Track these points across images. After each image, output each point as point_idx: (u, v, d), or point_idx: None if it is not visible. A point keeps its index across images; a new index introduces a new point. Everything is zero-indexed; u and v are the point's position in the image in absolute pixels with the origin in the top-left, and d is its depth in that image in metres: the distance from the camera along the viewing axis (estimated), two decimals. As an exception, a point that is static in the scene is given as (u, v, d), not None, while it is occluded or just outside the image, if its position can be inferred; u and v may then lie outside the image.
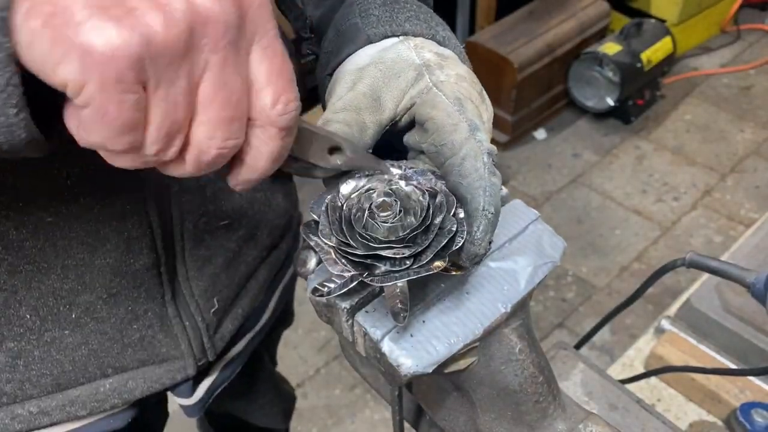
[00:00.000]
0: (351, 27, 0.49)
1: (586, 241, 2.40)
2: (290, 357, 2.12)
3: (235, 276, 0.72)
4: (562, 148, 2.79)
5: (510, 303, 0.42)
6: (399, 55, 0.45)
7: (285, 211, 0.79)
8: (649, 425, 0.66)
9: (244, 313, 0.76)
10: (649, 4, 3.03)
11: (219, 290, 0.70)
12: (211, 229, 0.66)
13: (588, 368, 0.74)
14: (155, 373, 0.67)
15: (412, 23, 0.48)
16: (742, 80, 3.02)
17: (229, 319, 0.73)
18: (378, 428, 1.94)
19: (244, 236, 0.72)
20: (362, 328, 0.41)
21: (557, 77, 2.82)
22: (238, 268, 0.72)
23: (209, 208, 0.64)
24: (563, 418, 0.48)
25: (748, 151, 2.69)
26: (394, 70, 0.44)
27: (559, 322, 2.15)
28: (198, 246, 0.65)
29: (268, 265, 0.79)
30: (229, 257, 0.70)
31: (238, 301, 0.74)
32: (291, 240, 0.86)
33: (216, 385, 0.76)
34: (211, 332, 0.70)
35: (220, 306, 0.70)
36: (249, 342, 0.81)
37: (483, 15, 2.90)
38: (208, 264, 0.67)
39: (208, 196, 0.63)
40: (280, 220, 0.78)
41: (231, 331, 0.73)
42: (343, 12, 0.52)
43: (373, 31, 0.47)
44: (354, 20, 0.49)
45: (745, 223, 2.38)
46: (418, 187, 0.40)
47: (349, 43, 0.48)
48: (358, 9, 0.50)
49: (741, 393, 0.93)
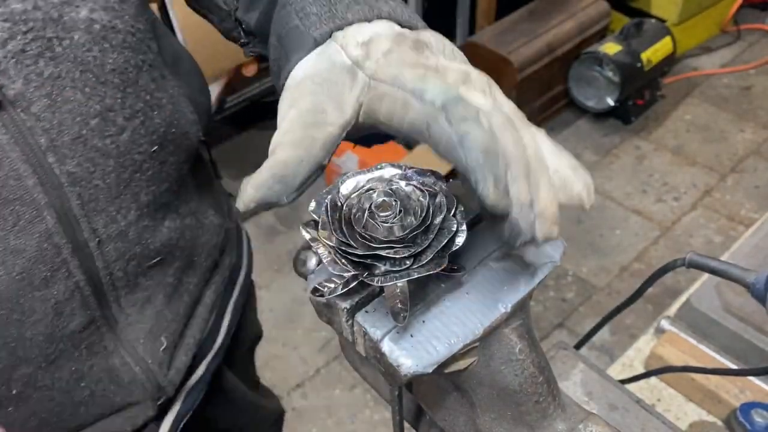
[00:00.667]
0: (292, 31, 0.47)
1: (586, 241, 2.40)
2: (290, 357, 2.12)
3: (179, 308, 0.70)
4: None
5: (510, 303, 0.42)
6: (331, 62, 0.43)
7: (219, 227, 0.76)
8: (649, 425, 0.66)
9: (196, 341, 0.74)
10: (649, 4, 3.03)
11: (165, 327, 0.67)
12: (143, 270, 0.63)
13: (588, 368, 0.74)
14: (115, 423, 0.66)
15: (353, 11, 0.46)
16: (742, 80, 3.02)
17: (181, 351, 0.71)
18: (378, 428, 1.94)
19: (181, 266, 0.69)
20: (362, 328, 0.41)
21: (557, 77, 2.82)
22: (182, 299, 0.70)
23: (136, 251, 0.61)
24: (563, 418, 0.48)
25: (748, 151, 2.69)
26: (330, 80, 0.43)
27: (559, 322, 2.15)
28: (133, 291, 0.63)
29: (213, 285, 0.77)
30: (170, 292, 0.68)
31: (188, 330, 0.72)
32: (233, 254, 0.83)
33: (181, 415, 0.74)
34: (165, 370, 0.68)
35: (169, 342, 0.68)
36: (208, 365, 0.79)
37: (483, 15, 2.90)
38: (148, 305, 0.65)
39: (131, 239, 0.60)
40: (217, 238, 0.76)
41: (185, 362, 0.71)
42: (279, 15, 0.50)
43: (318, 32, 0.45)
44: (293, 23, 0.47)
45: (745, 223, 2.38)
46: (418, 187, 0.40)
47: (297, 50, 0.46)
48: (295, 9, 0.47)
49: (741, 393, 0.93)
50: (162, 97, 0.60)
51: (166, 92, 0.61)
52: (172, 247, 0.66)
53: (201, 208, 0.72)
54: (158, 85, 0.60)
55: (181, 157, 0.64)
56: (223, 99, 2.57)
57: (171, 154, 0.62)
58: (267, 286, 2.33)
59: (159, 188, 0.61)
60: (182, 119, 0.63)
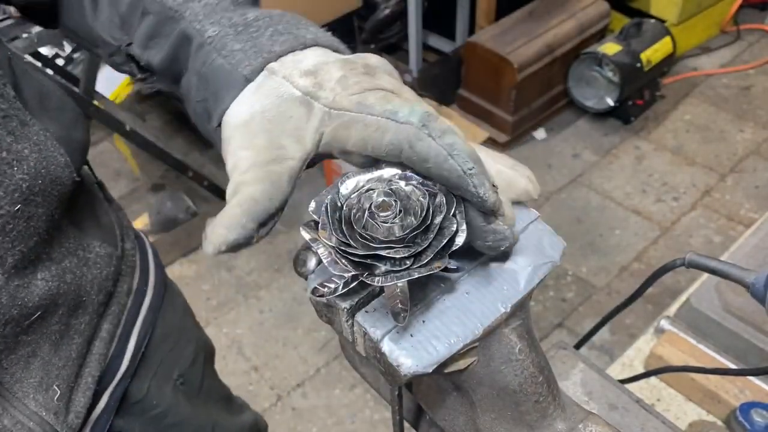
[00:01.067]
0: (217, 70, 0.45)
1: (586, 241, 2.40)
2: (290, 357, 2.12)
3: (70, 352, 0.66)
4: (561, 148, 2.79)
5: (510, 303, 0.42)
6: (278, 96, 0.42)
7: (108, 257, 0.72)
8: (648, 425, 0.66)
9: (95, 379, 0.71)
10: (649, 4, 3.03)
11: (56, 375, 0.64)
12: (22, 329, 0.60)
13: (588, 368, 0.74)
14: None
15: (277, 43, 0.45)
16: (742, 80, 3.02)
17: (79, 393, 0.68)
18: (378, 428, 1.94)
19: (67, 312, 0.65)
20: (362, 328, 0.41)
21: (557, 77, 2.82)
22: (72, 343, 0.67)
23: (12, 314, 0.57)
24: (563, 418, 0.48)
25: (747, 151, 2.69)
26: (282, 114, 0.41)
27: (559, 322, 2.15)
28: (14, 349, 0.60)
29: (109, 317, 0.74)
30: (56, 339, 0.64)
31: (84, 370, 0.69)
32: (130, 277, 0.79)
33: None
34: (62, 417, 0.65)
35: (62, 390, 0.65)
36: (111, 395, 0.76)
37: (483, 15, 2.90)
38: (33, 358, 0.62)
39: (4, 303, 0.56)
40: (107, 270, 0.71)
41: (85, 404, 0.69)
42: (196, 55, 0.47)
43: (248, 69, 0.44)
44: (217, 62, 0.45)
45: (744, 223, 2.38)
46: (417, 187, 0.40)
47: (227, 88, 0.44)
48: (215, 48, 0.46)
49: (741, 393, 0.93)
50: (23, 149, 0.55)
51: (29, 140, 0.56)
52: (52, 298, 0.62)
53: (83, 243, 0.68)
54: (17, 136, 0.55)
55: (52, 205, 0.59)
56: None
57: (39, 206, 0.57)
58: (267, 286, 2.34)
59: (26, 245, 0.57)
60: (51, 166, 0.58)
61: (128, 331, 0.79)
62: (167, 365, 0.90)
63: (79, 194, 0.71)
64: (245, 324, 2.23)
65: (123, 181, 2.79)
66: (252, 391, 2.04)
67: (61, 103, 0.67)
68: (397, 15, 2.99)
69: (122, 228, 0.80)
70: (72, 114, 0.68)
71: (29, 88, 0.61)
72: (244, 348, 2.16)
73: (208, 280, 2.38)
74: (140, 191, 2.75)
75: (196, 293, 2.33)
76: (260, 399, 2.02)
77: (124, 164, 2.88)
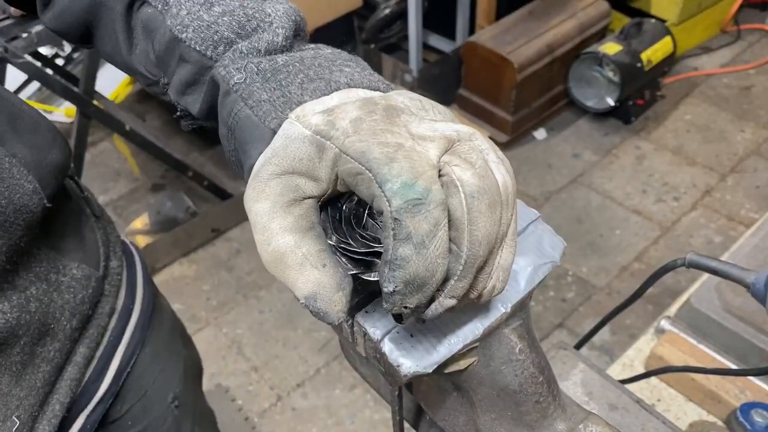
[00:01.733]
0: (244, 121, 0.43)
1: (586, 241, 2.40)
2: (290, 357, 2.12)
3: (35, 381, 0.63)
4: (562, 148, 2.79)
5: (510, 303, 0.42)
6: (286, 137, 0.39)
7: (86, 279, 0.69)
8: (649, 425, 0.66)
9: (63, 407, 0.68)
10: (649, 4, 3.03)
11: (16, 406, 0.62)
12: None
13: (588, 368, 0.74)
14: None
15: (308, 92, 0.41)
16: (742, 80, 3.02)
17: (43, 422, 0.66)
18: (378, 428, 1.94)
19: (31, 341, 0.62)
20: (362, 328, 0.41)
21: (557, 77, 2.82)
22: (37, 371, 0.64)
23: None
24: (563, 418, 0.48)
25: (748, 151, 2.69)
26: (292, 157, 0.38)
27: (559, 322, 2.15)
28: None
29: (86, 341, 0.71)
30: (17, 370, 0.61)
31: (52, 397, 0.67)
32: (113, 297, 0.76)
33: None
34: None
35: (24, 419, 0.62)
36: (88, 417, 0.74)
37: (483, 15, 2.90)
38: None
39: None
40: (83, 293, 0.68)
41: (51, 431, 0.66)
42: (224, 102, 0.44)
43: (275, 122, 0.41)
44: (244, 112, 0.42)
45: (745, 223, 2.38)
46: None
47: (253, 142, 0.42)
48: (242, 97, 0.43)
49: (741, 393, 0.93)
50: None
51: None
52: (10, 330, 0.59)
53: (57, 266, 0.65)
54: None
55: (16, 234, 0.57)
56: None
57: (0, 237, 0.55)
58: (267, 286, 2.34)
59: None
60: (15, 195, 0.56)
61: (110, 353, 0.76)
62: (159, 387, 0.87)
63: (59, 214, 0.69)
64: (245, 324, 2.23)
65: (123, 181, 2.79)
66: (252, 391, 2.04)
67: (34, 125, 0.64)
68: (397, 15, 2.99)
69: (108, 245, 0.77)
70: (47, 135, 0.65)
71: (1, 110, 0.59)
72: (244, 348, 2.16)
73: (208, 280, 2.38)
74: (140, 191, 2.75)
75: (196, 293, 2.33)
76: (260, 399, 2.02)
77: (124, 164, 2.88)
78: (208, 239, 2.50)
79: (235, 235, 2.53)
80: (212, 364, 2.12)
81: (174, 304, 2.40)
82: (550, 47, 2.69)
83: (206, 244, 2.49)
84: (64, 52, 3.04)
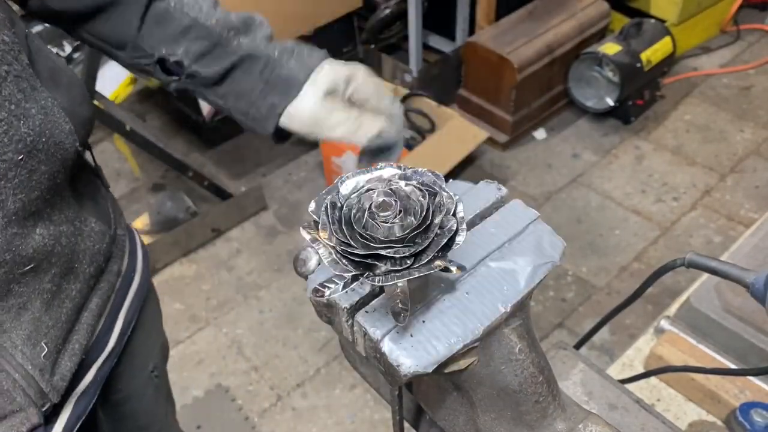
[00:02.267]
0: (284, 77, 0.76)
1: (586, 241, 2.40)
2: (290, 357, 2.12)
3: (60, 314, 0.70)
4: (561, 148, 2.80)
5: (510, 303, 0.42)
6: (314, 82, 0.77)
7: (102, 234, 0.77)
8: (648, 425, 0.66)
9: (82, 348, 0.74)
10: (649, 4, 3.03)
11: (45, 333, 0.67)
12: (15, 278, 0.63)
13: (588, 368, 0.74)
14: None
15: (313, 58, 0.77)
16: (742, 80, 3.02)
17: (66, 357, 0.71)
18: (378, 428, 1.94)
19: (60, 273, 0.69)
20: (362, 328, 0.41)
21: (557, 77, 2.82)
22: (63, 306, 0.70)
23: (6, 258, 0.61)
24: (563, 418, 0.48)
25: (747, 151, 2.69)
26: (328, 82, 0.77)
27: (559, 322, 2.15)
28: (6, 297, 0.63)
29: (99, 292, 0.78)
30: (47, 298, 0.68)
31: (72, 336, 0.73)
32: (120, 260, 0.84)
33: (72, 422, 0.75)
34: (47, 376, 0.68)
35: (50, 348, 0.68)
36: (98, 371, 0.80)
37: (483, 15, 2.90)
38: (24, 311, 0.65)
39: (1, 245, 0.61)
40: (100, 245, 0.76)
41: (71, 368, 0.72)
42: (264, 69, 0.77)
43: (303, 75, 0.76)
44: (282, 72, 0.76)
45: (744, 223, 2.38)
46: (417, 187, 0.40)
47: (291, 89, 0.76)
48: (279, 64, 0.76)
49: (741, 393, 0.93)
50: (31, 107, 0.61)
51: (37, 103, 0.62)
52: (46, 254, 0.66)
53: (81, 215, 0.73)
54: (27, 96, 0.60)
55: (55, 166, 0.64)
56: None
57: (41, 163, 0.62)
58: (267, 286, 2.34)
59: (28, 196, 0.61)
60: (55, 130, 0.63)
61: (116, 310, 0.84)
62: (144, 355, 0.96)
63: (81, 172, 0.77)
64: (245, 324, 2.23)
65: (123, 181, 2.79)
66: (252, 391, 2.04)
67: (71, 82, 0.72)
68: (397, 15, 2.99)
69: (116, 213, 0.85)
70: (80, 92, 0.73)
71: (42, 63, 0.67)
72: (244, 348, 2.16)
73: (208, 280, 2.38)
74: (140, 191, 2.75)
75: (196, 293, 2.33)
76: (260, 399, 2.02)
77: (124, 164, 2.88)
78: (208, 239, 2.50)
79: (235, 235, 2.53)
80: (212, 364, 2.12)
81: (174, 304, 2.40)
82: (549, 47, 2.69)
83: (206, 244, 2.49)
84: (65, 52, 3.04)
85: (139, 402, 0.98)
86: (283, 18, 2.45)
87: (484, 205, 0.49)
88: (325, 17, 2.65)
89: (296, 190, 2.68)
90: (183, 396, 2.03)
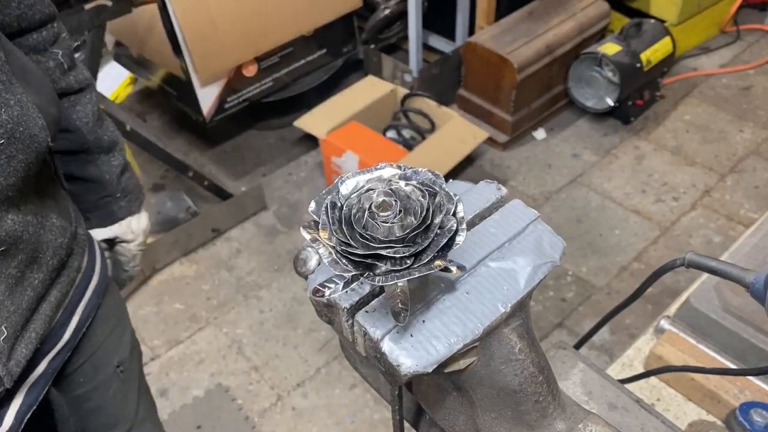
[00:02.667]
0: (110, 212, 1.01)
1: (586, 241, 2.40)
2: (290, 357, 2.12)
3: (22, 301, 0.72)
4: (561, 148, 2.80)
5: (510, 303, 0.42)
6: None
7: (63, 229, 0.81)
8: (648, 425, 0.66)
9: (39, 337, 0.76)
10: (649, 4, 3.03)
11: (6, 318, 0.70)
12: None
13: (588, 368, 0.74)
14: None
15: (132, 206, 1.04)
16: (742, 80, 3.02)
17: (22, 344, 0.73)
18: (378, 428, 1.94)
19: (25, 261, 0.72)
20: (362, 327, 0.41)
21: (557, 77, 2.82)
22: (25, 293, 0.73)
23: None
24: (563, 417, 0.48)
25: (747, 151, 2.69)
26: None
27: (559, 322, 2.15)
28: None
29: (59, 285, 0.81)
30: (12, 284, 0.71)
31: (30, 325, 0.75)
32: (80, 257, 0.88)
33: (23, 410, 0.77)
34: (4, 360, 0.70)
35: (9, 333, 0.70)
36: (50, 362, 0.83)
37: (483, 15, 2.90)
38: None
39: None
40: (61, 239, 0.80)
41: (26, 355, 0.74)
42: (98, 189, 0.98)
43: None
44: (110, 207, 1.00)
45: (744, 223, 2.38)
46: (417, 187, 0.40)
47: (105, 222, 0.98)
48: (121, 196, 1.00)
49: (740, 393, 0.93)
50: (9, 99, 0.66)
51: (14, 96, 0.66)
52: (16, 239, 0.70)
53: (43, 210, 0.77)
54: (5, 88, 0.66)
55: (30, 157, 0.69)
56: (223, 99, 2.57)
57: (19, 151, 0.67)
58: (267, 286, 2.34)
59: (7, 180, 0.66)
60: (30, 123, 0.68)
61: (74, 305, 0.88)
62: (107, 349, 0.99)
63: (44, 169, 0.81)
64: (245, 324, 2.23)
65: (123, 181, 2.79)
66: (252, 391, 2.04)
67: (40, 82, 0.76)
68: (397, 15, 2.99)
69: (76, 213, 0.91)
70: (49, 93, 0.77)
71: (14, 62, 0.70)
72: (244, 348, 2.16)
73: (208, 280, 2.38)
74: (140, 191, 2.75)
75: (196, 293, 2.33)
76: (260, 399, 2.02)
77: (124, 164, 2.88)
78: (209, 239, 2.50)
79: (236, 235, 2.53)
80: (212, 364, 2.12)
81: (174, 304, 2.40)
82: (549, 48, 2.69)
83: (206, 244, 2.49)
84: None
85: (104, 398, 1.00)
86: (283, 18, 2.45)
87: (484, 205, 0.49)
88: (325, 17, 2.65)
89: (296, 190, 2.68)
90: (183, 396, 2.03)
